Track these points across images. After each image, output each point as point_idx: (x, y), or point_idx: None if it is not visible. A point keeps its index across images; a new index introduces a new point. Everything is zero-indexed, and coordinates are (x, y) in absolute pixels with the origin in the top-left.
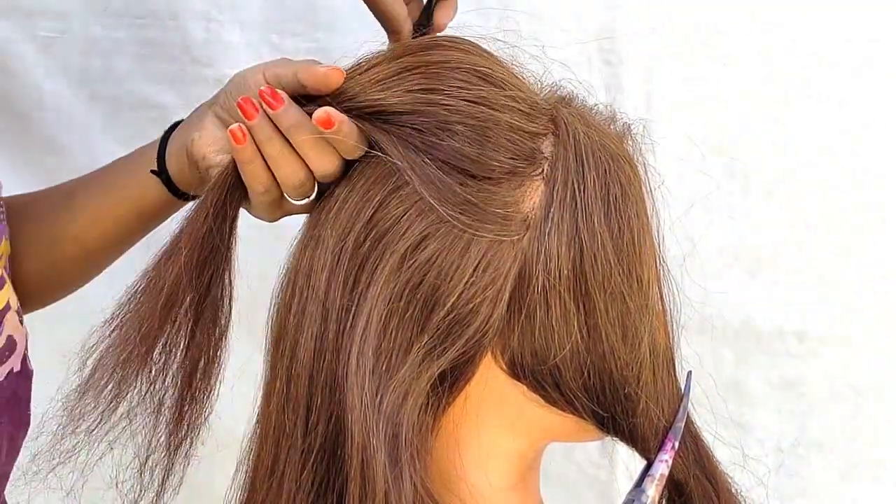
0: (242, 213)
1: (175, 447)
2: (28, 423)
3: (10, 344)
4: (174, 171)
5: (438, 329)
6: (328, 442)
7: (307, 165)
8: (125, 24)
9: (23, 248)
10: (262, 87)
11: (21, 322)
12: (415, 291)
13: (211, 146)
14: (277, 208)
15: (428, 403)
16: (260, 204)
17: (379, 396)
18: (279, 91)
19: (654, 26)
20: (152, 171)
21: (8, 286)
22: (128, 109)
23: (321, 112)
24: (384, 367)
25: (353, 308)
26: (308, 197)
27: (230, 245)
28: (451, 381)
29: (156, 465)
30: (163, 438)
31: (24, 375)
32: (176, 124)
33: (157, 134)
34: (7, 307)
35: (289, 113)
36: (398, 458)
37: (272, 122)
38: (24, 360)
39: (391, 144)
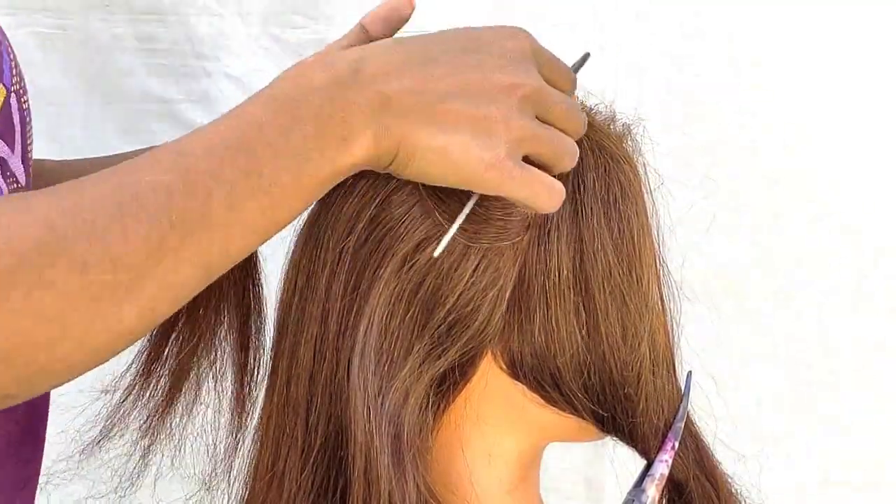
0: None
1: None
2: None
3: None
4: None
5: (439, 330)
6: (328, 442)
7: None
8: (126, 19)
9: None
10: None
11: None
12: (415, 292)
13: None
14: None
15: (429, 404)
16: None
17: (381, 397)
18: None
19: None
20: None
21: None
22: (129, 103)
23: None
24: (385, 368)
25: (354, 309)
26: None
27: None
28: (452, 381)
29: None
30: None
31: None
32: None
33: (159, 127)
34: None
35: None
36: (401, 459)
37: None
38: None
39: None
